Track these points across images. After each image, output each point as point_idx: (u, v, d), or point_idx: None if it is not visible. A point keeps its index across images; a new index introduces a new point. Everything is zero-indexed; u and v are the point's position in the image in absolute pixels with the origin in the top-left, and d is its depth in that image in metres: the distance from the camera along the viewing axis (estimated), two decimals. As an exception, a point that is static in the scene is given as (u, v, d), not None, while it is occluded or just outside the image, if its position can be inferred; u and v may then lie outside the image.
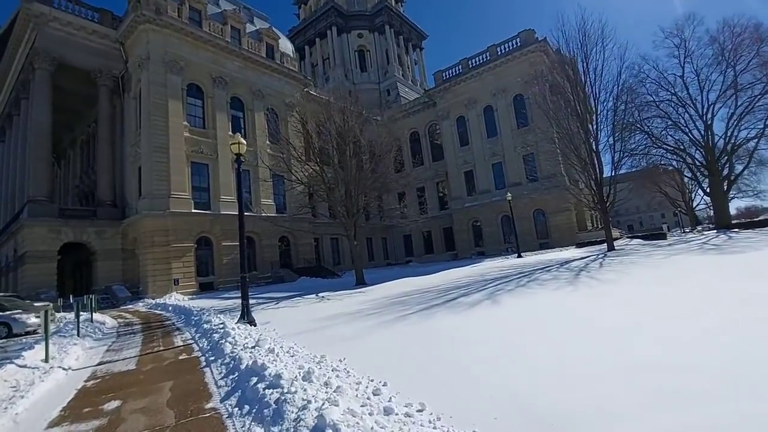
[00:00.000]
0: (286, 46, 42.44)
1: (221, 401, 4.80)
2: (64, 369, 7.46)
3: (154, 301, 23.46)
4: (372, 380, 4.62)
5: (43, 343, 9.21)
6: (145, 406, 4.97)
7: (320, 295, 17.04)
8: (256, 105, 36.41)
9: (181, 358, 7.80)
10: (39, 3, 27.90)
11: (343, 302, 13.38)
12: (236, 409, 4.37)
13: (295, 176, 22.84)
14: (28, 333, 14.58)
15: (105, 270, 29.46)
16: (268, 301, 16.97)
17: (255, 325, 10.03)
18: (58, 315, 20.38)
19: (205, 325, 10.04)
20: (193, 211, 29.98)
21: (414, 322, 8.08)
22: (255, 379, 4.82)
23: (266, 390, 4.35)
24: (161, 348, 9.12)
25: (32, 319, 14.63)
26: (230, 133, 34.24)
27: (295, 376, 4.56)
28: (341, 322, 9.21)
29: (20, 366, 7.18)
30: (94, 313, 15.81)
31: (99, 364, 7.96)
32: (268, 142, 36.68)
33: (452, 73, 45.91)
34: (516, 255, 29.08)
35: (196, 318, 12.29)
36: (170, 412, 4.64)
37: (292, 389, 4.06)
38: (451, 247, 46.85)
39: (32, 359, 7.72)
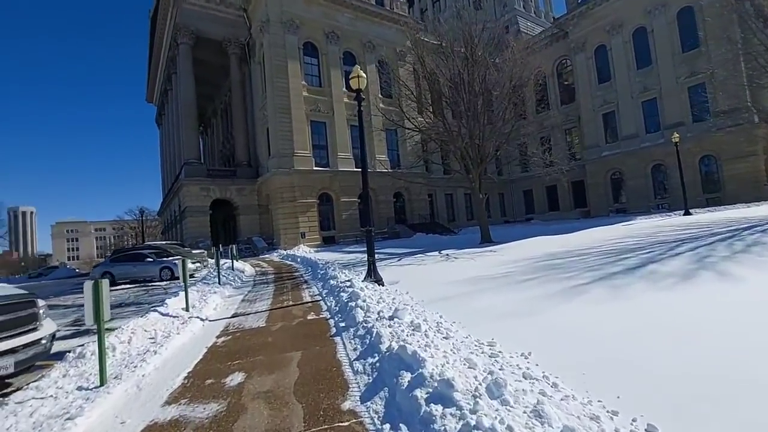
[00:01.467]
0: (395, -10, 39.37)
1: (362, 401, 3.35)
2: (201, 319, 7.17)
3: (285, 252, 24.93)
4: (614, 414, 2.57)
5: (190, 289, 9.38)
6: (269, 389, 3.83)
7: (444, 252, 15.36)
8: (368, 58, 34.93)
9: (309, 318, 6.89)
10: (176, -20, 30.16)
11: (476, 262, 11.41)
12: (387, 427, 2.81)
13: (412, 123, 20.87)
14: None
15: (246, 223, 32.70)
16: (389, 257, 15.98)
17: (383, 285, 8.78)
18: (211, 261, 22.99)
19: (332, 281, 9.17)
20: (314, 168, 30.79)
21: (603, 299, 5.67)
22: (408, 377, 3.22)
23: (433, 406, 2.68)
24: (290, 303, 8.50)
25: (189, 265, 16.15)
26: (344, 89, 33.81)
27: (476, 388, 2.79)
28: (487, 289, 7.27)
29: (163, 314, 7.06)
30: (235, 262, 16.90)
31: (233, 317, 7.57)
32: (380, 95, 35.35)
33: (591, -8, 37.38)
34: (682, 212, 22.92)
35: (322, 272, 11.76)
36: (297, 407, 3.37)
37: (484, 421, 2.29)
38: (581, 203, 40.64)
39: (175, 307, 7.66)
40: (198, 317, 7.22)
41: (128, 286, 15.71)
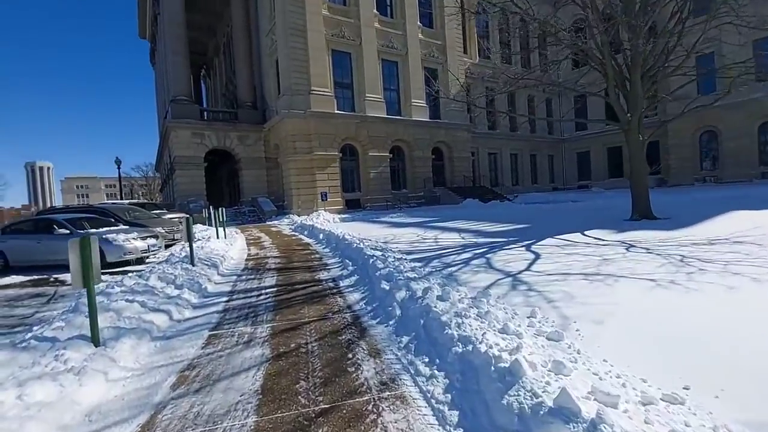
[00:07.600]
0: None
1: None
2: None
3: (299, 219, 17.62)
4: None
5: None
6: None
7: (602, 238, 7.80)
8: (406, -27, 25.76)
9: None
10: None
11: None
12: None
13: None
14: (126, 262, 8.96)
15: (250, 180, 25.24)
16: (477, 239, 8.45)
17: None
18: (200, 227, 15.88)
19: (518, 402, 1.70)
20: (336, 111, 22.78)
21: None
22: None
23: None
24: None
25: (132, 243, 8.87)
26: (375, 11, 25.03)
27: None
28: None
29: None
30: (216, 240, 9.49)
31: None
32: (419, 23, 26.54)
33: None
34: None
35: (401, 293, 4.38)
36: None
37: None
38: (654, 169, 32.30)
39: None
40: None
41: (20, 278, 8.43)
